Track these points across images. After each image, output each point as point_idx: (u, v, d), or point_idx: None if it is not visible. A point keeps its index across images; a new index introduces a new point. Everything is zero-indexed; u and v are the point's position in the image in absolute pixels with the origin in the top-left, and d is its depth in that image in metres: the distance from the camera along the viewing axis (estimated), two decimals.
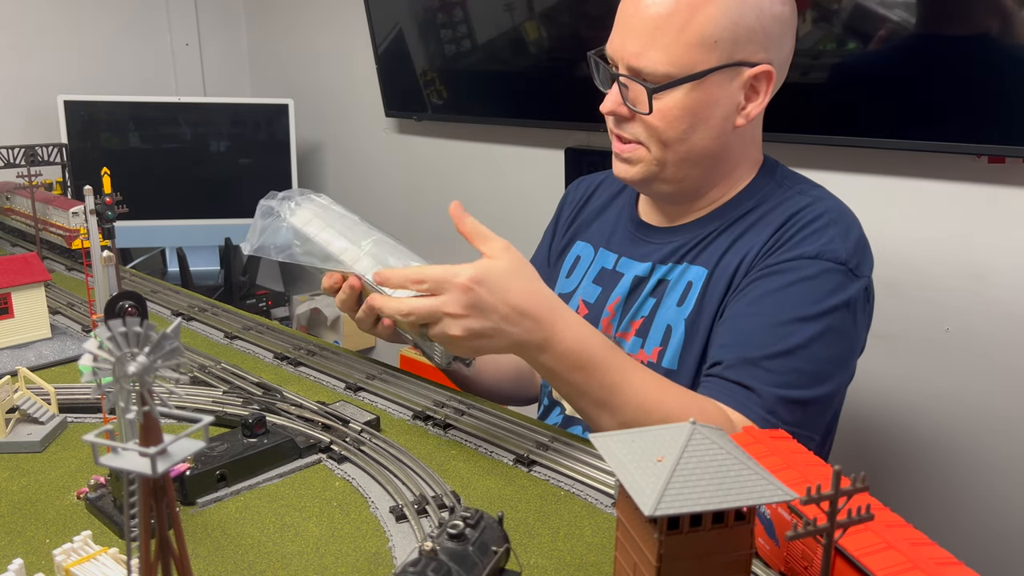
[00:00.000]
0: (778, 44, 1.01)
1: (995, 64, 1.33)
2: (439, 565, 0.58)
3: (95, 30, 2.77)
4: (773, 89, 1.03)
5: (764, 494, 0.55)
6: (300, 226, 1.00)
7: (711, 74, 0.98)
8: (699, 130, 1.01)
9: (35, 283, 1.26)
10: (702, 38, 0.96)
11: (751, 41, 0.98)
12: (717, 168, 1.07)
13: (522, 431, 0.98)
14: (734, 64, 0.98)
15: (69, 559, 0.68)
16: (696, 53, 0.97)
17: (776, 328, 0.97)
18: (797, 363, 0.96)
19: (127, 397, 0.44)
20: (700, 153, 1.03)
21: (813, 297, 0.98)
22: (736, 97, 1.01)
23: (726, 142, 1.04)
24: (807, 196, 1.07)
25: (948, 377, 1.55)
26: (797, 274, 0.99)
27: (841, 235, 1.01)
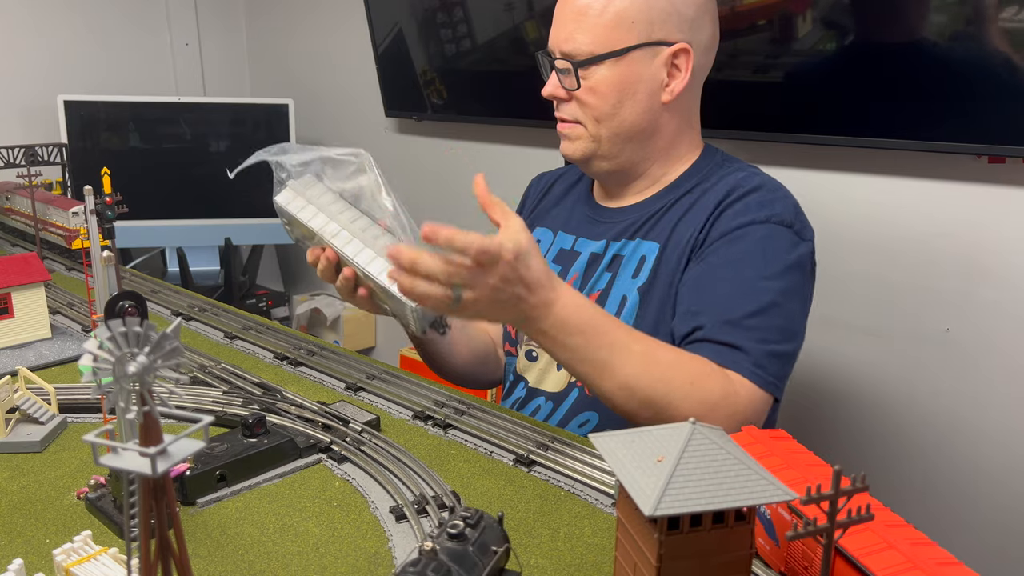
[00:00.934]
0: (695, 25, 1.10)
1: (995, 64, 1.33)
2: (439, 565, 0.58)
3: (95, 30, 2.77)
4: (697, 69, 1.12)
5: (764, 494, 0.55)
6: (284, 204, 1.08)
7: (631, 52, 1.08)
8: (626, 104, 1.10)
9: (35, 283, 1.26)
10: (620, 19, 1.07)
11: (667, 22, 1.08)
12: (650, 144, 1.15)
13: (522, 431, 0.98)
14: (653, 43, 1.08)
15: (69, 559, 0.68)
16: (616, 33, 1.08)
17: (746, 289, 1.04)
18: (773, 319, 1.03)
19: (127, 397, 0.44)
20: (631, 127, 1.12)
21: (772, 256, 1.06)
22: (659, 74, 1.10)
23: (655, 118, 1.13)
24: (745, 171, 1.16)
25: (948, 377, 1.55)
26: (752, 237, 1.07)
27: (781, 201, 1.10)
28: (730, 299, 1.04)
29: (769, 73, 1.61)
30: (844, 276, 1.66)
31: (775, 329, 1.03)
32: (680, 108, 1.15)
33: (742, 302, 1.03)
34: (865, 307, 1.64)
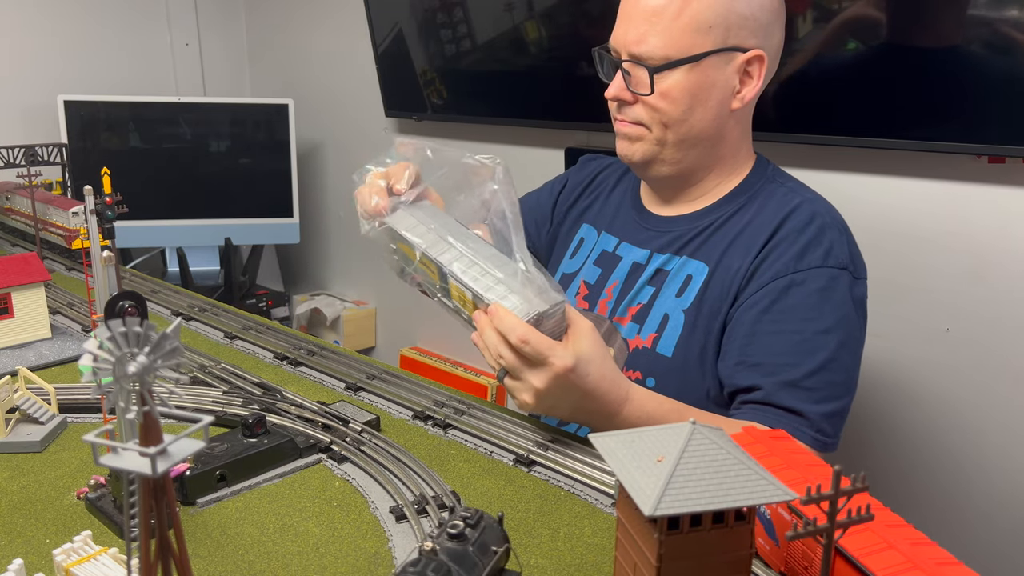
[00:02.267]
0: (768, 32, 1.07)
1: (995, 64, 1.33)
2: (439, 565, 0.58)
3: (95, 30, 2.77)
4: (766, 75, 1.09)
5: (764, 494, 0.55)
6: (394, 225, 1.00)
7: (707, 57, 1.05)
8: (697, 111, 1.07)
9: (35, 283, 1.26)
10: (697, 23, 1.04)
11: (743, 27, 1.05)
12: (713, 152, 1.12)
13: (522, 431, 0.98)
14: (728, 49, 1.05)
15: (69, 559, 0.68)
16: (692, 37, 1.04)
17: (806, 346, 1.02)
18: (831, 376, 1.02)
19: (127, 397, 0.44)
20: (699, 134, 1.09)
21: (829, 307, 1.03)
22: (732, 80, 1.07)
23: (722, 125, 1.10)
24: (798, 195, 1.11)
25: (948, 377, 1.55)
26: (810, 286, 1.03)
27: (838, 240, 1.06)
28: (788, 356, 1.02)
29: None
30: None
31: (834, 385, 1.02)
32: (744, 116, 1.13)
33: (801, 360, 1.01)
34: None
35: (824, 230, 1.06)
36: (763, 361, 1.03)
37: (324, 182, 3.01)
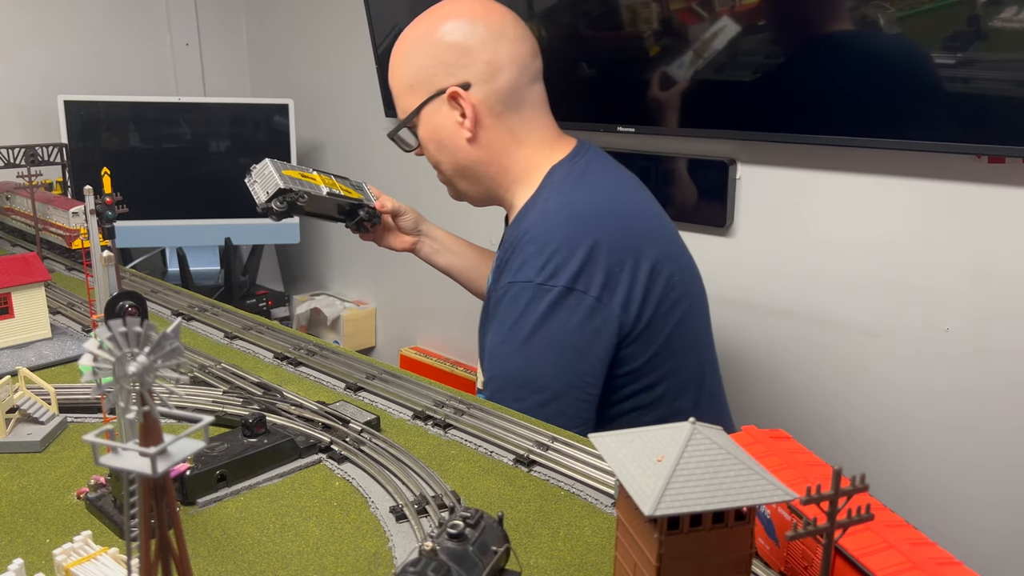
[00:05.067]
0: (463, 64, 1.21)
1: (995, 64, 1.33)
2: (439, 565, 0.58)
3: (95, 30, 2.77)
4: (486, 98, 1.21)
5: (764, 494, 0.55)
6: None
7: (423, 108, 1.25)
8: (444, 150, 1.27)
9: (35, 283, 1.26)
10: (402, 87, 1.27)
11: (433, 75, 1.23)
12: (482, 176, 1.27)
13: (522, 431, 0.98)
14: (434, 96, 1.23)
15: (69, 559, 0.68)
16: (407, 99, 1.27)
17: (492, 349, 1.18)
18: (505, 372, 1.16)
19: (127, 397, 0.44)
20: (458, 167, 1.28)
21: (511, 319, 1.14)
22: (451, 118, 1.24)
23: (470, 153, 1.25)
24: (545, 204, 1.20)
25: (948, 377, 1.55)
26: (501, 302, 1.17)
27: (535, 253, 1.14)
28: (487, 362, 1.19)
29: (769, 73, 1.61)
30: (844, 276, 1.66)
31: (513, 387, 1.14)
32: (494, 136, 1.24)
33: (489, 366, 1.18)
34: (865, 307, 1.64)
35: (524, 246, 1.15)
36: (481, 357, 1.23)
37: None
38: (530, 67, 1.24)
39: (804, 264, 1.73)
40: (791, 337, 1.77)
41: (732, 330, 1.87)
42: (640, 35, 1.76)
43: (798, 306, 1.75)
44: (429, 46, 1.22)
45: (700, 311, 1.30)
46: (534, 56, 1.25)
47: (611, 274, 1.13)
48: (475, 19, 1.21)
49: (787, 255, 1.75)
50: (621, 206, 1.22)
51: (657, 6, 1.70)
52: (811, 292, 1.73)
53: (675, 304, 1.19)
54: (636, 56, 1.79)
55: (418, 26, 1.24)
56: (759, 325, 1.82)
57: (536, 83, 1.26)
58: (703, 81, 1.72)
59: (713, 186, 1.81)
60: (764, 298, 1.80)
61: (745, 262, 1.81)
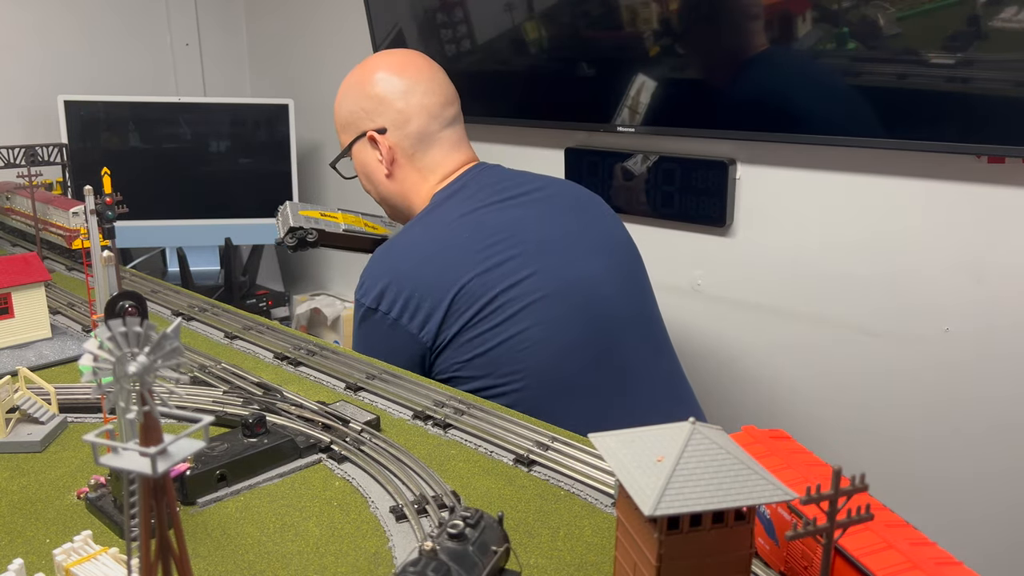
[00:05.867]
0: (380, 111, 1.41)
1: (995, 64, 1.33)
2: (439, 565, 0.58)
3: (95, 30, 2.77)
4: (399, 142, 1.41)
5: (764, 494, 0.55)
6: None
7: (353, 145, 1.46)
8: (369, 182, 1.48)
9: (35, 283, 1.26)
10: (339, 126, 1.48)
11: (358, 119, 1.44)
12: (399, 205, 1.47)
13: (522, 431, 0.98)
14: (359, 136, 1.44)
15: (69, 559, 0.68)
16: (343, 135, 1.48)
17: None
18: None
19: (127, 397, 0.44)
20: (381, 196, 1.49)
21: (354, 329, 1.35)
22: (374, 155, 1.44)
23: (388, 187, 1.46)
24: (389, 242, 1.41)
25: (947, 377, 1.55)
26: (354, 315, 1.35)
27: (362, 279, 1.32)
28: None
29: (769, 73, 1.61)
30: (844, 276, 1.66)
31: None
32: (407, 172, 1.43)
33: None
34: (865, 307, 1.64)
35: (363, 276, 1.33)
36: None
37: (324, 182, 3.01)
38: (440, 115, 1.42)
39: (804, 264, 1.73)
40: (791, 337, 1.77)
41: (732, 330, 1.87)
42: (640, 35, 1.76)
43: (798, 306, 1.75)
44: (357, 94, 1.44)
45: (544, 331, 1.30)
46: (445, 105, 1.43)
47: (409, 300, 1.27)
48: (393, 73, 1.42)
49: (787, 255, 1.75)
50: (438, 242, 1.33)
51: (657, 6, 1.71)
52: (811, 292, 1.73)
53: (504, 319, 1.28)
54: (636, 56, 1.79)
55: (353, 75, 1.46)
56: (759, 325, 1.82)
57: (450, 127, 1.44)
58: (703, 81, 1.72)
59: (713, 186, 1.81)
60: (764, 298, 1.80)
61: (745, 262, 1.82)
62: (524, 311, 1.28)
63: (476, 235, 1.33)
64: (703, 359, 1.91)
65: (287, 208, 1.56)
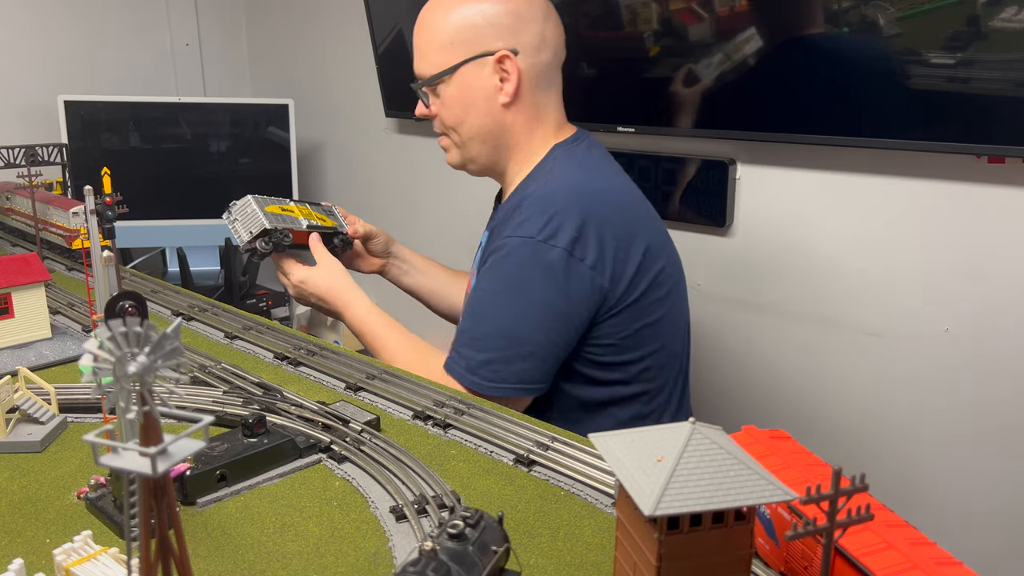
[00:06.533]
0: (514, 31, 1.24)
1: (995, 64, 1.33)
2: (439, 565, 0.58)
3: (95, 30, 2.77)
4: (530, 69, 1.26)
5: (764, 494, 0.55)
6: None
7: (460, 68, 1.26)
8: (471, 112, 1.29)
9: (35, 283, 1.26)
10: (440, 43, 1.27)
11: (483, 36, 1.24)
12: (502, 144, 1.31)
13: (522, 431, 0.98)
14: (478, 56, 1.25)
15: (69, 559, 0.68)
16: (442, 55, 1.27)
17: (478, 300, 1.24)
18: (491, 328, 1.21)
19: (127, 397, 0.44)
20: (480, 131, 1.30)
21: (506, 272, 1.20)
22: (491, 81, 1.26)
23: (499, 119, 1.29)
24: (546, 176, 1.27)
25: (947, 377, 1.55)
26: (498, 255, 1.22)
27: (537, 213, 1.19)
28: (472, 310, 1.25)
29: (768, 73, 1.61)
30: (844, 276, 1.66)
31: (492, 337, 1.20)
32: (524, 107, 1.28)
33: (472, 312, 1.24)
34: (865, 307, 1.64)
35: (527, 207, 1.21)
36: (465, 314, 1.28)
37: (324, 182, 3.01)
38: (561, 53, 1.31)
39: (803, 264, 1.73)
40: (791, 337, 1.77)
41: (732, 330, 1.87)
42: (640, 35, 1.76)
43: (798, 306, 1.75)
44: (481, 6, 1.24)
45: (682, 309, 1.37)
46: (564, 44, 1.32)
47: (604, 248, 1.18)
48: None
49: (787, 255, 1.75)
50: (619, 189, 1.28)
51: (657, 6, 1.71)
52: (811, 292, 1.73)
53: (666, 293, 1.27)
54: (636, 56, 1.79)
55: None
56: (759, 325, 1.82)
57: (559, 70, 1.33)
58: (703, 81, 1.72)
59: (713, 186, 1.81)
60: (764, 298, 1.80)
61: (745, 262, 1.81)
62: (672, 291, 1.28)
63: (642, 200, 1.29)
64: (703, 359, 1.91)
65: (252, 203, 1.35)
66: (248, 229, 1.33)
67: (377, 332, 1.35)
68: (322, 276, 1.40)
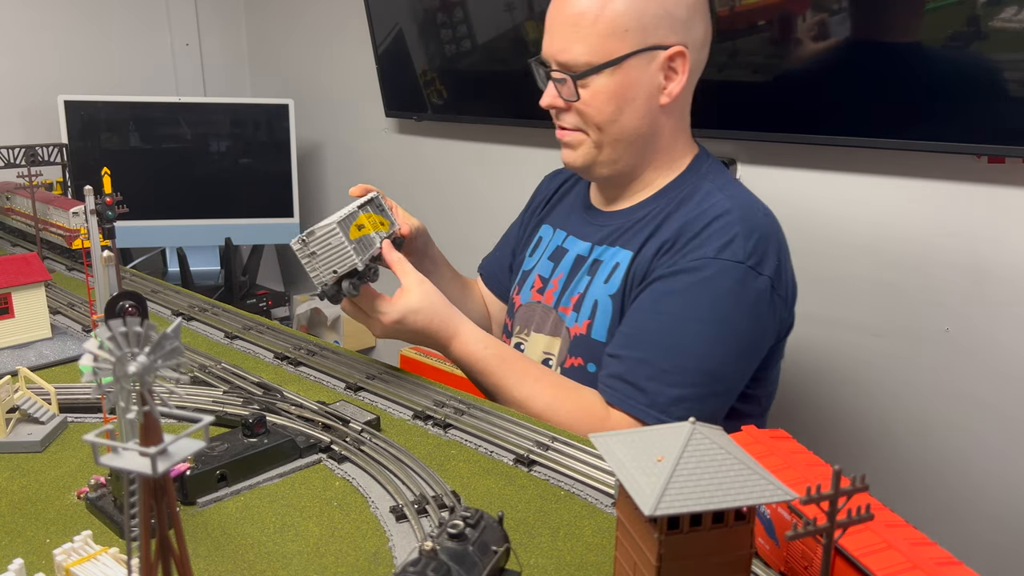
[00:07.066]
0: (688, 26, 1.10)
1: (995, 64, 1.33)
2: (439, 565, 0.58)
3: (95, 30, 2.77)
4: (693, 68, 1.12)
5: (764, 494, 0.55)
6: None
7: (628, 59, 1.09)
8: (626, 111, 1.11)
9: (35, 283, 1.26)
10: (613, 28, 1.07)
11: (660, 26, 1.08)
12: (649, 148, 1.16)
13: (522, 431, 0.98)
14: (648, 48, 1.09)
15: (69, 559, 0.68)
16: (610, 42, 1.08)
17: (670, 327, 1.07)
18: (687, 362, 1.05)
19: (127, 397, 0.44)
20: (631, 132, 1.13)
21: (710, 298, 1.06)
22: (656, 78, 1.11)
23: (654, 121, 1.14)
24: (722, 191, 1.14)
25: (947, 377, 1.55)
26: (698, 275, 1.07)
27: (743, 234, 1.07)
28: (654, 335, 1.07)
29: (769, 73, 1.61)
30: (844, 276, 1.66)
31: (687, 371, 1.05)
32: (676, 109, 1.16)
33: (662, 340, 1.06)
34: (865, 307, 1.64)
35: (729, 225, 1.08)
36: (631, 334, 1.09)
37: (324, 182, 3.01)
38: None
39: (804, 264, 1.72)
40: (790, 337, 1.77)
41: None
42: None
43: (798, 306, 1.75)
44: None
45: None
46: None
47: (790, 281, 1.13)
48: None
49: None
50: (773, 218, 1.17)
51: None
52: (811, 292, 1.73)
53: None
54: None
55: None
56: None
57: None
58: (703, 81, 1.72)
59: None
60: None
61: None
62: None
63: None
64: None
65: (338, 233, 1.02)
66: (332, 268, 1.03)
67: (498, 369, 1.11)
68: (420, 307, 1.09)
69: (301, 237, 1.03)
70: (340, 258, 1.03)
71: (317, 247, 1.03)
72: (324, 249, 1.03)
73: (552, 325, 1.25)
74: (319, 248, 1.03)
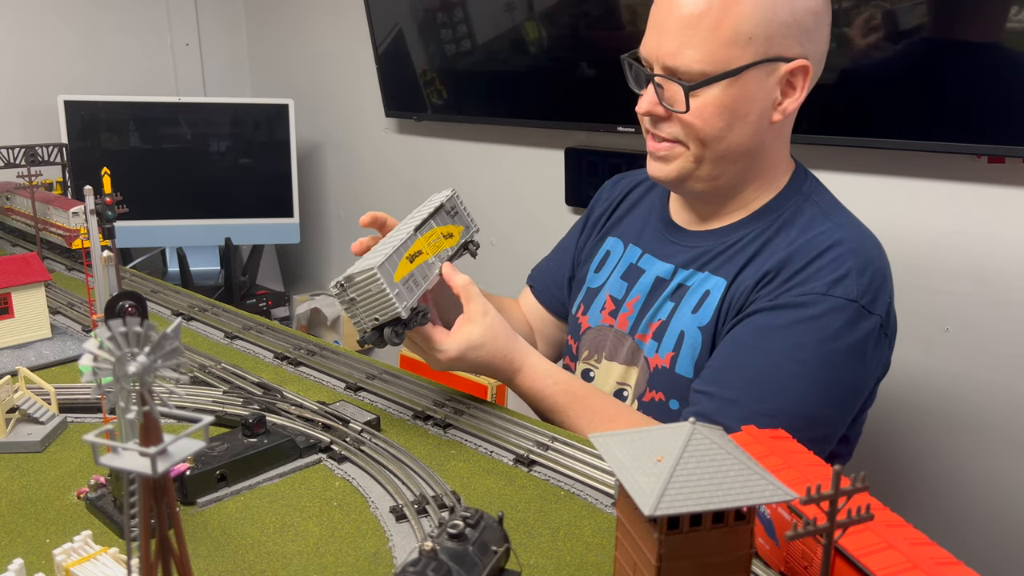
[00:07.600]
0: (812, 37, 0.99)
1: (995, 65, 1.33)
2: (439, 565, 0.58)
3: (95, 30, 2.77)
4: (810, 84, 1.01)
5: (764, 494, 0.55)
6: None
7: (747, 70, 0.97)
8: (736, 127, 1.00)
9: (35, 283, 1.26)
10: (736, 35, 0.95)
11: (786, 36, 0.97)
12: (752, 166, 1.06)
13: (522, 431, 0.98)
14: (770, 60, 0.97)
15: (69, 559, 0.68)
16: (731, 50, 0.96)
17: (772, 369, 0.97)
18: (788, 405, 0.96)
19: (127, 397, 0.44)
20: (737, 150, 1.02)
21: (816, 338, 0.97)
22: (773, 93, 1.00)
23: (762, 139, 1.03)
24: (828, 219, 1.05)
25: (947, 377, 1.55)
26: (804, 312, 0.97)
27: (857, 269, 0.99)
28: (749, 373, 0.98)
29: None
30: None
31: (785, 414, 0.95)
32: (785, 126, 1.06)
33: (759, 381, 0.97)
34: None
35: (841, 258, 0.99)
36: (723, 369, 1.00)
37: (324, 182, 3.01)
38: None
39: None
40: None
41: None
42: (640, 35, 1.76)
43: None
44: (792, 2, 0.96)
45: None
46: None
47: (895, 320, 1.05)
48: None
49: None
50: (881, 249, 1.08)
51: None
52: None
53: None
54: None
55: None
56: None
57: None
58: None
59: None
60: None
61: None
62: None
63: None
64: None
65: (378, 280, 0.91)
66: (374, 316, 0.93)
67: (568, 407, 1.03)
68: (483, 342, 1.00)
69: (339, 281, 0.93)
70: (381, 306, 0.92)
71: (356, 293, 0.93)
72: (364, 296, 0.92)
73: (628, 354, 1.13)
74: (358, 295, 0.92)
